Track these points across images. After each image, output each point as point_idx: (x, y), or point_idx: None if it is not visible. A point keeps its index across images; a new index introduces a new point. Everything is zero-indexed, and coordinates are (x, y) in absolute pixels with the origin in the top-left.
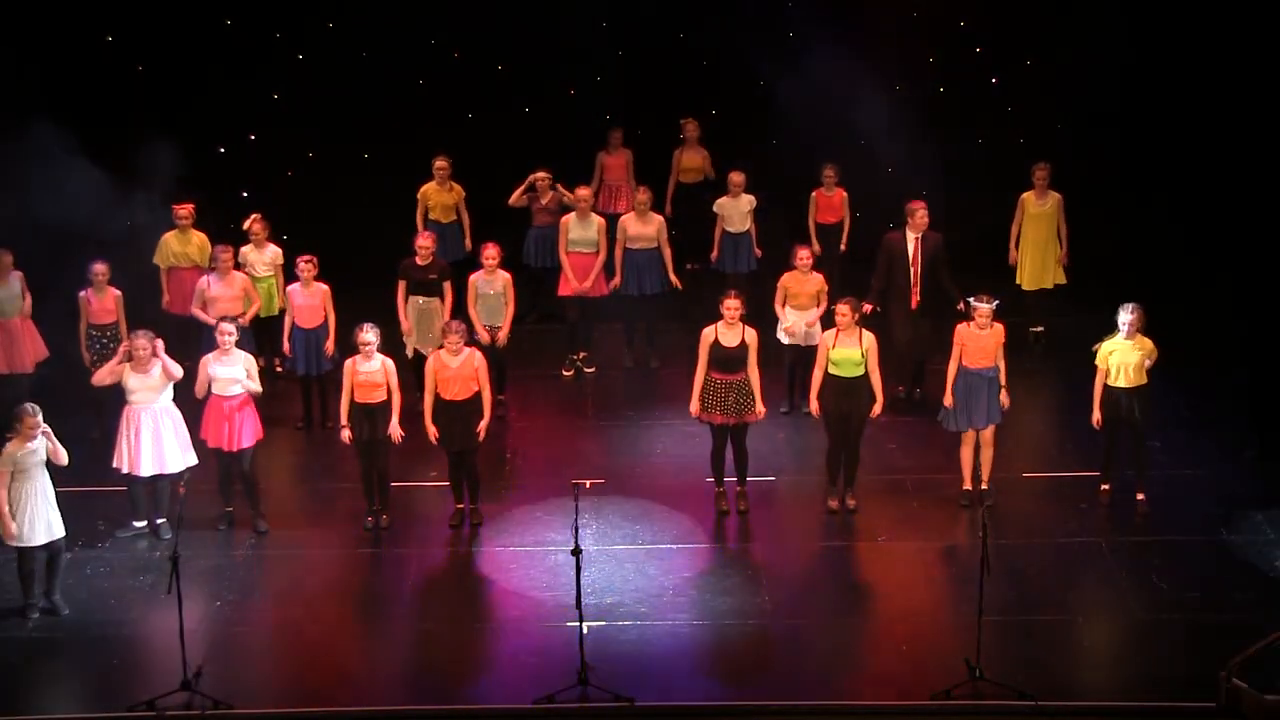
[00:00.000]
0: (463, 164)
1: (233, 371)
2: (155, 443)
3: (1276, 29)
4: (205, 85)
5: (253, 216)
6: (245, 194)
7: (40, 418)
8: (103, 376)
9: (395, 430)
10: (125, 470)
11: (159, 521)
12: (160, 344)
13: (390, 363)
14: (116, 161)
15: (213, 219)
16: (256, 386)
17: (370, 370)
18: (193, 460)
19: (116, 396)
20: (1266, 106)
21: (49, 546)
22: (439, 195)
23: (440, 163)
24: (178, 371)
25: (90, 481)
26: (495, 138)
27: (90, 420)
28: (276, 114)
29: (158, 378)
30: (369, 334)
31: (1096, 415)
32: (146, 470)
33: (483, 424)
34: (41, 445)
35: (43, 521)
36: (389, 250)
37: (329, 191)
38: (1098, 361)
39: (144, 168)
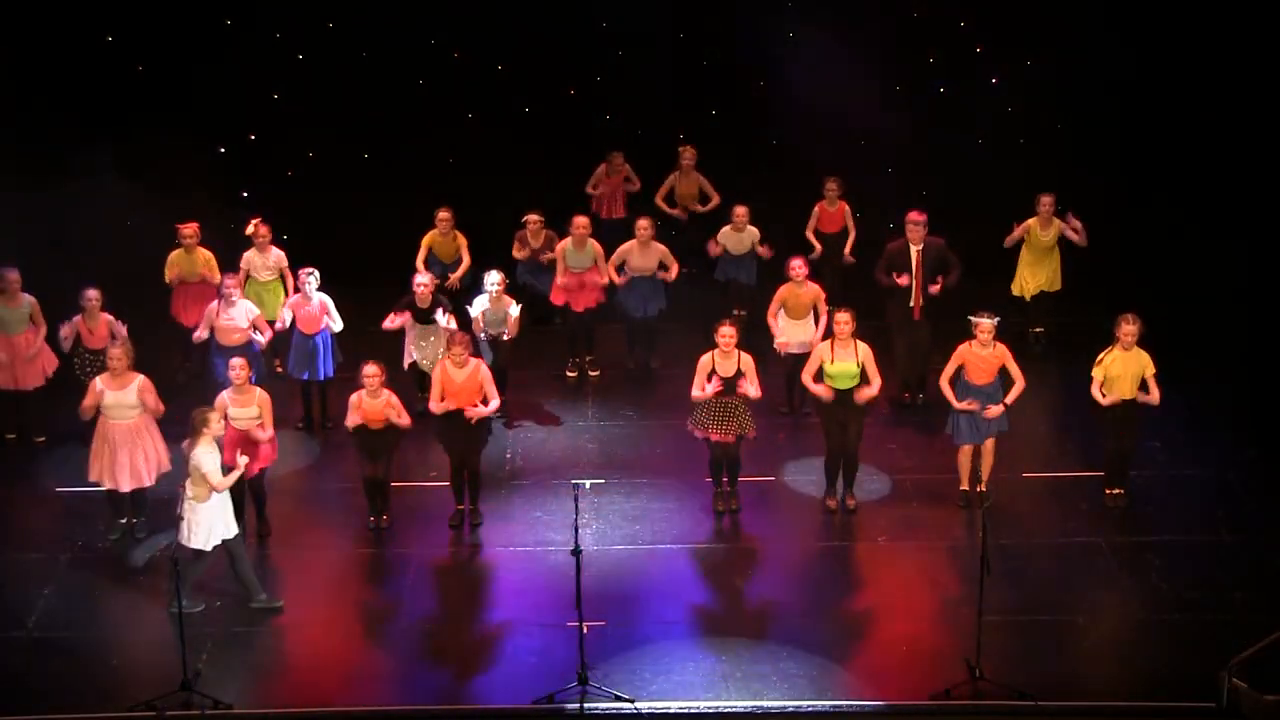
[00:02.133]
0: (463, 164)
1: (246, 412)
2: (131, 458)
3: (1276, 30)
4: (205, 86)
5: (254, 220)
6: (245, 194)
7: (222, 417)
8: (89, 408)
9: (404, 420)
10: (97, 482)
11: (134, 521)
12: (151, 389)
13: (394, 397)
14: (117, 162)
15: (213, 219)
16: (268, 434)
17: (375, 405)
18: (168, 465)
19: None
20: (1266, 108)
21: (227, 544)
22: (442, 244)
23: (443, 214)
24: (159, 407)
25: (91, 482)
26: (495, 138)
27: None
28: (276, 114)
29: (133, 395)
30: (371, 367)
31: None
32: (125, 485)
33: (489, 410)
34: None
35: (225, 519)
36: (389, 249)
37: (329, 191)
38: (1095, 373)
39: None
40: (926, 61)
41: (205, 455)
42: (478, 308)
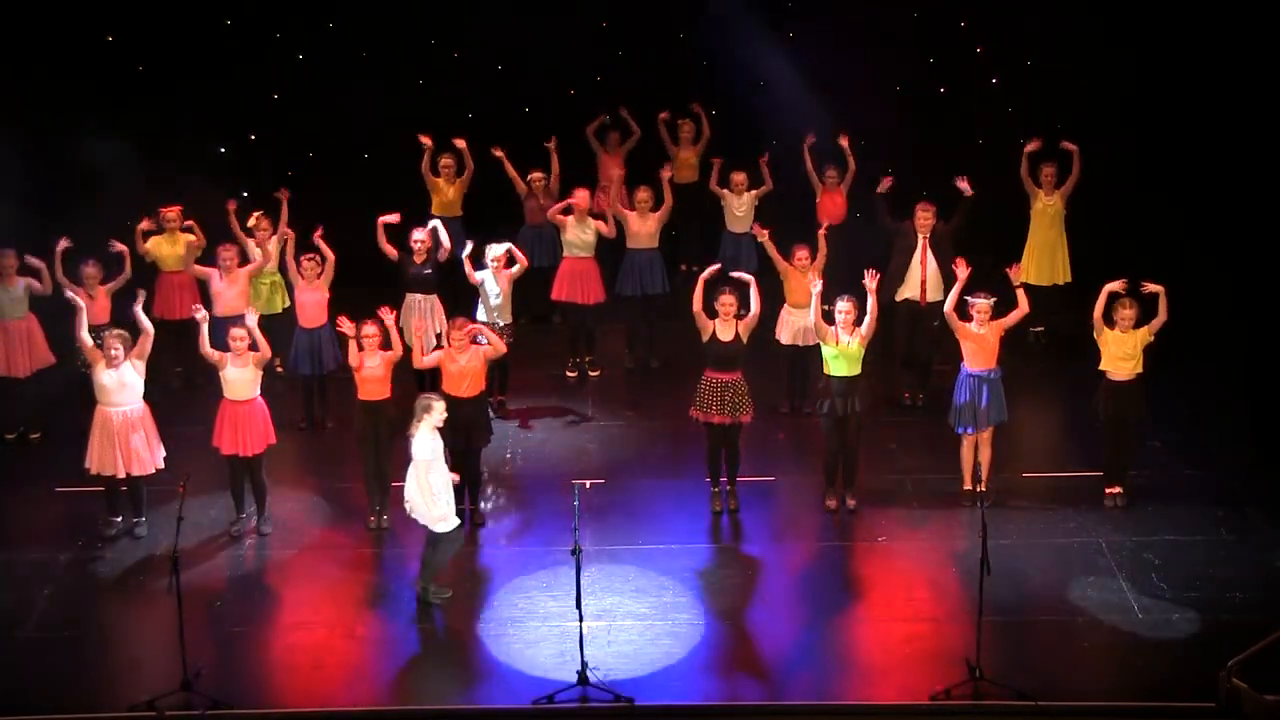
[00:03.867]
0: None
1: (245, 374)
2: (125, 444)
3: (1276, 29)
4: (205, 85)
5: (256, 214)
6: (245, 193)
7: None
8: (82, 324)
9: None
10: (95, 471)
11: (135, 520)
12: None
13: (389, 354)
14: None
15: (212, 219)
16: (266, 352)
17: (373, 365)
18: (161, 463)
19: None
20: (1267, 106)
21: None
22: (443, 192)
23: (446, 161)
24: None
25: (90, 481)
26: (495, 138)
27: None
28: (276, 114)
29: (130, 372)
30: (370, 326)
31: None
32: (122, 471)
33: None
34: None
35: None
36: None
37: (328, 191)
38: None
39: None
40: (926, 61)
41: (422, 442)
42: (483, 279)
